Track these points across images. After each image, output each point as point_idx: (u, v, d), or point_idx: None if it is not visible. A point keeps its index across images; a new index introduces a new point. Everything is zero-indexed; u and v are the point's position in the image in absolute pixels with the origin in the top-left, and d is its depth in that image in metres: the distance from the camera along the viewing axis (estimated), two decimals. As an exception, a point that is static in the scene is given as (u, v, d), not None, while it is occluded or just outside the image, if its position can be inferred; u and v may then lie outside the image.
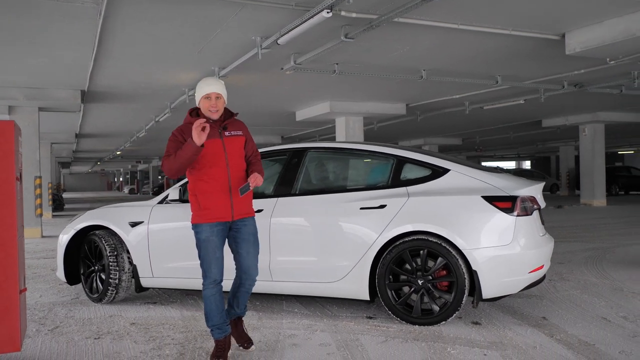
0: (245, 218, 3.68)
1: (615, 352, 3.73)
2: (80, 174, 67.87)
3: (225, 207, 3.56)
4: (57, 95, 11.82)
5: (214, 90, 3.57)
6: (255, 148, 3.82)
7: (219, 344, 3.63)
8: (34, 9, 6.32)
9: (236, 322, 3.84)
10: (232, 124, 3.70)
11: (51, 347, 4.03)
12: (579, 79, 11.61)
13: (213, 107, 3.57)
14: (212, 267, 3.57)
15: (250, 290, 3.79)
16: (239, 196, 3.57)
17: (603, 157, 19.54)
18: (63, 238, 5.57)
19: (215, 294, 3.60)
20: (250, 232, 3.69)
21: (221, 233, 3.60)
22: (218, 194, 3.56)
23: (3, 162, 3.30)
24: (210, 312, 3.62)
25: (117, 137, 23.99)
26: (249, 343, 3.82)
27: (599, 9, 6.94)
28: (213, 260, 3.57)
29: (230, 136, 3.63)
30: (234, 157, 3.62)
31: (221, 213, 3.57)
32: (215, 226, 3.57)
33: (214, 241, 3.56)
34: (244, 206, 3.67)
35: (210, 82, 3.62)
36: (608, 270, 6.68)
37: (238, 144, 3.67)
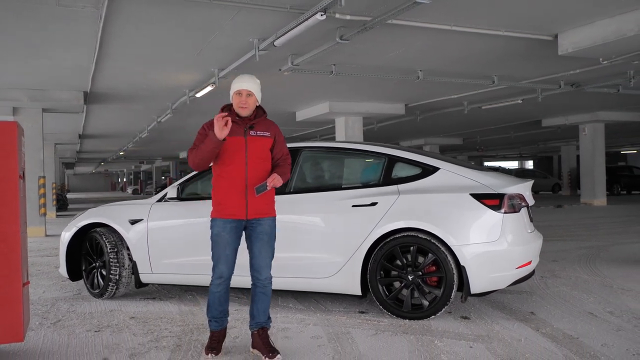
0: (262, 218, 3.62)
1: (598, 345, 3.85)
2: (85, 175, 68.20)
3: (239, 205, 3.55)
4: (60, 96, 12.01)
5: (245, 87, 3.56)
6: (285, 151, 3.75)
7: (214, 336, 3.70)
8: (37, 13, 6.49)
9: (260, 333, 3.68)
10: (260, 124, 3.65)
11: (53, 339, 4.18)
12: (576, 79, 11.72)
13: (243, 104, 3.55)
14: (219, 262, 3.59)
15: (266, 292, 3.71)
16: (254, 195, 3.54)
17: (603, 156, 19.60)
18: (65, 235, 5.72)
19: (219, 290, 3.63)
20: (265, 232, 3.63)
21: (234, 230, 3.58)
22: (234, 191, 3.55)
23: (6, 161, 3.45)
24: (212, 304, 3.66)
25: (120, 138, 24.20)
26: (273, 353, 3.60)
27: (591, 10, 7.07)
28: (222, 256, 3.58)
29: (255, 136, 3.59)
30: (254, 156, 3.58)
31: (234, 210, 3.55)
32: (229, 223, 3.56)
33: (224, 237, 3.56)
34: (261, 206, 3.62)
35: (243, 79, 3.60)
36: (600, 268, 6.79)
37: (262, 144, 3.61)
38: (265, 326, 3.73)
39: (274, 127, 3.72)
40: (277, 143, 3.71)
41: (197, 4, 6.24)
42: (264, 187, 3.49)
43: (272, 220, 3.70)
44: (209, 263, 5.01)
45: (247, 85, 3.56)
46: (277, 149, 3.70)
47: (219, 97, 12.33)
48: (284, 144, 3.76)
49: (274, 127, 3.72)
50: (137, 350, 3.89)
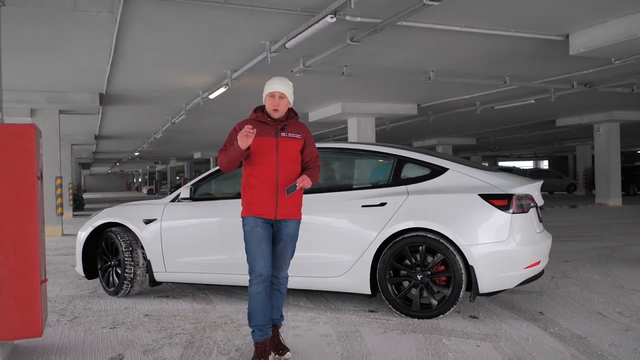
0: (288, 220, 3.63)
1: (606, 344, 3.88)
2: (100, 175, 68.97)
3: (270, 205, 3.55)
4: (76, 98, 12.22)
5: (277, 89, 3.58)
6: (315, 154, 3.75)
7: (259, 347, 3.54)
8: (53, 18, 6.65)
9: (272, 330, 3.70)
10: (292, 126, 3.65)
11: (70, 335, 4.31)
12: (589, 79, 11.66)
13: (275, 106, 3.57)
14: (257, 259, 3.53)
15: (281, 290, 3.72)
16: (284, 196, 3.55)
17: (618, 156, 19.41)
18: (81, 235, 5.85)
19: (260, 291, 3.54)
20: (289, 234, 3.64)
21: (265, 228, 3.58)
22: (265, 191, 3.56)
23: (25, 163, 3.57)
24: (254, 311, 3.55)
25: (135, 139, 24.50)
26: (283, 350, 3.66)
27: (601, 10, 7.05)
28: (258, 252, 3.53)
29: (286, 137, 3.59)
30: (285, 158, 3.58)
31: (264, 210, 3.56)
32: (258, 220, 3.57)
33: (258, 232, 3.54)
34: (290, 208, 3.63)
35: (276, 82, 3.63)
36: (612, 269, 6.77)
37: (293, 146, 3.62)
38: (277, 324, 3.76)
39: (304, 130, 3.72)
40: (307, 145, 3.70)
41: (210, 7, 6.34)
42: (294, 187, 3.51)
43: (297, 223, 3.70)
44: (221, 262, 5.17)
45: (279, 88, 3.59)
46: (307, 151, 3.70)
47: (232, 98, 12.48)
48: (314, 146, 3.76)
49: (304, 129, 3.72)
50: (150, 346, 3.99)
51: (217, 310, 5.01)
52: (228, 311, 4.97)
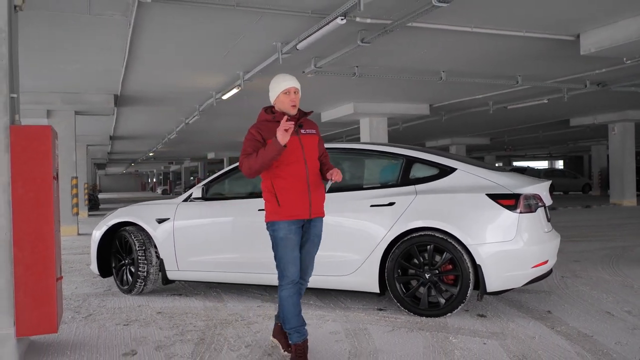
0: (317, 218, 3.61)
1: (612, 343, 3.90)
2: (115, 175, 69.69)
3: (304, 204, 3.49)
4: (91, 99, 12.42)
5: (293, 85, 3.53)
6: (324, 148, 3.77)
7: (298, 348, 3.52)
8: (69, 21, 6.79)
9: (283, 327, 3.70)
10: (307, 122, 3.65)
11: (84, 332, 4.43)
12: (602, 78, 11.59)
13: (293, 102, 3.51)
14: (289, 266, 3.48)
15: (302, 292, 3.70)
16: (317, 194, 3.55)
17: (633, 156, 19.21)
18: (96, 234, 5.98)
19: (292, 295, 3.52)
20: (317, 234, 3.62)
21: (299, 231, 3.53)
22: (298, 191, 3.48)
23: (42, 163, 3.68)
24: (288, 314, 3.53)
25: (149, 139, 24.76)
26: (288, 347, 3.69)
27: (612, 10, 7.03)
28: (291, 259, 3.48)
29: (306, 134, 3.57)
30: (310, 154, 3.56)
31: (300, 210, 3.48)
32: (294, 224, 3.49)
33: (292, 239, 3.48)
34: (320, 205, 3.62)
35: (287, 78, 3.56)
36: (623, 268, 6.76)
37: (313, 142, 3.61)
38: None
39: (316, 126, 3.73)
40: (321, 140, 3.72)
41: (222, 10, 6.44)
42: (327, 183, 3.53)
43: (322, 220, 3.71)
44: (232, 261, 5.26)
45: (294, 83, 3.55)
46: (321, 145, 3.70)
47: (244, 99, 12.59)
48: (322, 140, 3.79)
49: (316, 125, 3.74)
50: (162, 342, 4.09)
51: (228, 308, 5.10)
52: (239, 309, 5.06)
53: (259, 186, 5.72)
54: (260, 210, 5.11)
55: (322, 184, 3.66)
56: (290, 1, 6.31)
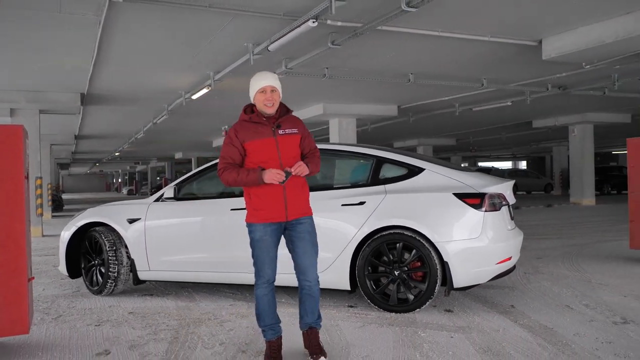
0: (301, 217, 3.55)
1: (571, 334, 4.10)
2: (79, 175, 68.19)
3: (279, 207, 3.46)
4: (57, 98, 12.19)
5: (269, 84, 3.45)
6: (313, 145, 3.63)
7: (271, 345, 3.56)
8: (38, 19, 6.69)
9: (309, 333, 3.66)
10: (287, 121, 3.53)
11: (55, 333, 4.40)
12: (563, 82, 12.01)
13: (268, 101, 3.44)
14: (265, 266, 3.50)
15: (313, 294, 3.64)
16: (295, 195, 3.49)
17: (592, 157, 19.90)
18: (65, 235, 5.92)
19: (267, 293, 3.55)
20: (307, 231, 3.56)
21: (275, 232, 3.51)
22: (272, 193, 3.44)
23: (13, 163, 3.66)
24: (262, 312, 3.56)
25: (116, 139, 24.37)
26: (317, 354, 3.58)
27: (572, 17, 7.33)
28: (267, 259, 3.50)
29: (284, 134, 3.47)
30: (287, 156, 3.46)
31: (274, 213, 3.46)
32: (269, 226, 3.47)
33: (267, 240, 3.48)
34: (299, 206, 3.54)
35: (264, 76, 3.49)
36: (582, 265, 7.05)
37: (292, 142, 3.51)
38: (314, 326, 3.67)
39: (300, 123, 3.62)
40: (305, 138, 3.59)
41: (195, 10, 6.45)
42: (288, 174, 3.39)
43: (311, 219, 3.62)
44: (203, 261, 5.30)
45: (269, 82, 3.46)
46: (304, 143, 3.58)
47: (215, 99, 12.57)
48: (311, 138, 3.65)
49: (299, 122, 3.62)
50: (136, 342, 4.11)
51: (200, 307, 5.13)
52: (211, 308, 5.10)
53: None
54: (232, 209, 5.22)
55: (303, 184, 3.59)
56: (263, 3, 6.37)
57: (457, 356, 3.67)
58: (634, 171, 7.07)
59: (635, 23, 6.95)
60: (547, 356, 3.64)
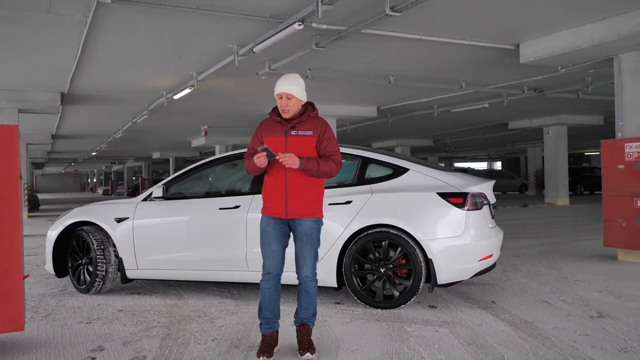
0: (301, 219, 3.63)
1: (550, 328, 4.29)
2: (53, 175, 67.05)
3: (279, 204, 3.60)
4: (37, 97, 12.09)
5: (283, 91, 3.58)
6: (330, 148, 3.66)
7: (265, 339, 3.67)
8: (24, 19, 6.67)
9: (300, 329, 3.75)
10: (304, 124, 3.64)
11: (47, 330, 4.43)
12: (539, 85, 12.34)
13: (284, 107, 3.60)
14: (265, 257, 3.65)
15: (308, 290, 3.71)
16: (297, 196, 3.59)
17: (566, 158, 20.38)
18: (52, 234, 5.92)
19: (269, 287, 3.64)
20: (304, 233, 3.63)
21: (277, 227, 3.63)
22: (275, 190, 3.62)
23: (8, 162, 3.70)
24: (262, 304, 3.67)
25: (94, 138, 24.11)
26: (304, 351, 3.65)
27: (549, 23, 7.59)
28: (268, 251, 3.64)
29: (295, 136, 3.60)
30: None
31: (275, 209, 3.62)
32: (272, 219, 3.64)
33: (269, 232, 3.63)
34: (301, 206, 3.61)
35: (282, 82, 3.62)
36: (558, 262, 7.29)
37: (303, 143, 3.60)
38: (307, 323, 3.75)
39: (319, 126, 3.67)
40: (322, 141, 3.65)
41: (182, 12, 6.51)
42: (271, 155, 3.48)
43: (314, 222, 3.66)
44: (191, 259, 5.37)
45: (284, 89, 3.59)
46: (322, 146, 3.65)
47: (197, 99, 12.59)
48: (330, 141, 3.67)
49: (320, 126, 3.67)
50: (129, 338, 4.17)
51: (189, 305, 5.20)
52: (200, 305, 5.17)
53: (220, 185, 5.90)
54: (220, 209, 5.30)
55: (309, 186, 3.64)
56: (249, 5, 6.46)
57: (443, 349, 3.82)
58: (607, 172, 7.35)
59: (609, 29, 7.23)
60: (528, 348, 3.81)
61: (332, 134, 3.73)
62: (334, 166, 3.64)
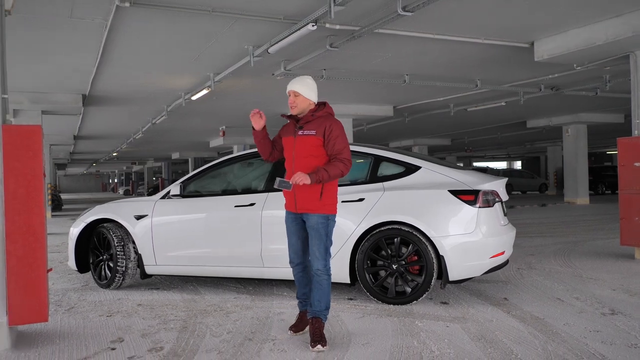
0: (309, 214, 3.85)
1: (561, 324, 4.32)
2: (75, 176, 68.18)
3: (291, 200, 3.93)
4: (59, 99, 12.38)
5: (291, 88, 3.93)
6: (336, 149, 3.80)
7: (299, 316, 4.18)
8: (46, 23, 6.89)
9: (312, 322, 3.90)
10: (311, 124, 3.86)
11: (69, 323, 4.60)
12: (555, 83, 12.26)
13: (291, 103, 3.93)
14: (288, 248, 4.06)
15: (320, 282, 3.87)
16: (304, 192, 3.81)
17: (585, 156, 20.16)
18: (74, 231, 6.11)
19: (296, 273, 4.10)
20: (312, 227, 3.85)
21: (294, 221, 3.97)
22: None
23: (32, 160, 3.86)
24: (296, 285, 4.17)
25: (114, 139, 24.53)
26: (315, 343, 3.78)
27: (563, 20, 7.58)
28: (289, 243, 4.05)
29: (302, 135, 3.86)
30: (300, 155, 3.84)
31: (289, 204, 3.97)
32: (289, 214, 4.00)
33: (288, 227, 4.01)
34: (307, 202, 3.84)
35: (293, 81, 3.96)
36: (574, 261, 7.28)
37: (308, 142, 3.83)
38: (319, 316, 3.89)
39: (325, 125, 3.81)
40: (329, 140, 3.80)
41: (198, 14, 6.66)
42: (287, 185, 3.73)
43: (321, 217, 3.83)
44: (208, 255, 5.51)
45: (292, 87, 3.93)
46: (327, 146, 3.82)
47: (214, 100, 12.77)
48: (335, 140, 3.80)
49: (325, 125, 3.81)
50: (147, 331, 4.32)
51: (206, 300, 5.34)
52: (216, 300, 5.30)
53: (236, 184, 6.03)
54: (236, 206, 5.43)
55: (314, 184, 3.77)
56: (263, 7, 6.58)
57: (453, 343, 3.89)
58: (624, 170, 7.32)
59: (624, 26, 7.20)
60: (537, 343, 3.86)
61: (339, 133, 3.84)
62: (342, 166, 3.79)
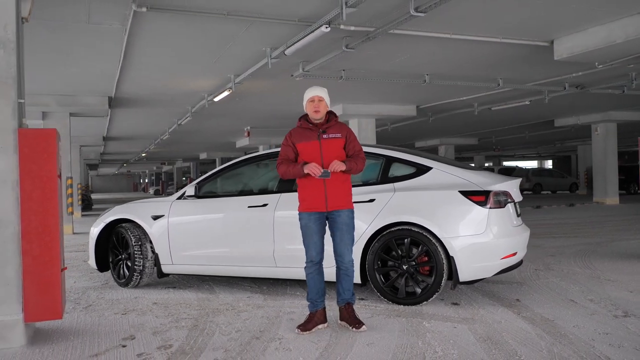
0: (340, 210, 4.19)
1: (570, 326, 4.27)
2: (107, 176, 69.67)
3: (320, 199, 4.16)
4: (86, 101, 12.71)
5: (316, 94, 4.21)
6: (357, 148, 4.28)
7: (310, 316, 4.30)
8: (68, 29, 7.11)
9: (346, 307, 4.30)
10: (332, 128, 4.25)
11: (85, 320, 4.76)
12: (579, 81, 12.03)
13: (316, 108, 4.19)
14: (309, 249, 4.23)
15: (349, 274, 4.27)
16: (335, 190, 4.17)
17: (615, 155, 19.70)
18: (94, 231, 6.30)
19: (312, 272, 4.26)
20: (344, 223, 4.19)
21: (318, 221, 4.20)
22: (314, 187, 4.17)
23: (47, 163, 4.01)
24: (309, 287, 4.30)
25: (142, 140, 25.01)
26: (359, 324, 4.22)
27: (582, 18, 7.45)
28: (311, 243, 4.21)
29: (327, 138, 4.19)
30: (329, 156, 4.15)
31: (316, 204, 4.18)
32: (312, 215, 4.19)
33: (311, 227, 4.19)
34: (339, 199, 4.19)
35: (313, 89, 4.26)
36: (594, 262, 7.15)
37: (335, 144, 4.20)
38: (350, 301, 4.31)
39: (344, 129, 4.28)
40: (349, 142, 4.26)
41: (214, 18, 6.78)
42: (327, 173, 4.08)
43: (349, 212, 4.25)
44: (222, 255, 5.61)
45: (317, 92, 4.22)
46: (349, 146, 4.25)
47: (236, 101, 12.93)
48: (355, 142, 4.29)
49: (344, 128, 4.29)
50: (159, 329, 4.43)
51: (219, 299, 5.44)
52: (230, 299, 5.40)
53: (249, 184, 6.12)
54: (250, 207, 5.52)
55: (342, 181, 4.20)
56: (278, 10, 6.66)
57: (458, 344, 3.89)
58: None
59: (646, 23, 7.04)
60: (543, 345, 3.83)
61: (355, 137, 4.35)
62: (362, 162, 4.27)
